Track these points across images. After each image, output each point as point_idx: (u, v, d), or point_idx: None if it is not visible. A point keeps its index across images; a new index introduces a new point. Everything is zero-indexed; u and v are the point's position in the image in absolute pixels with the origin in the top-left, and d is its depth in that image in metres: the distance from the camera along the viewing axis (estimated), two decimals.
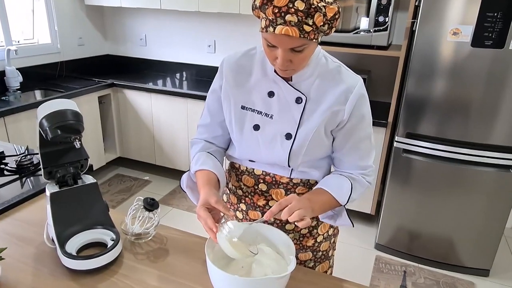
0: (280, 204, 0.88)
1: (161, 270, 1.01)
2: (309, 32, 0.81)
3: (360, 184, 1.05)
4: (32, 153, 1.55)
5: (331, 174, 1.08)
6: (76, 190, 1.06)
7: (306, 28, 0.80)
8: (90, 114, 3.09)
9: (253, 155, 1.04)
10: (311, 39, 0.82)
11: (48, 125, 0.96)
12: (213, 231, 0.87)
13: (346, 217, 1.06)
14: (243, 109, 1.02)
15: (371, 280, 2.29)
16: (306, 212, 0.87)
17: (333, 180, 1.04)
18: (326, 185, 1.02)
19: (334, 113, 0.97)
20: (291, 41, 0.82)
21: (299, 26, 0.79)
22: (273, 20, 0.80)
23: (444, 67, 2.06)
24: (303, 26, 0.79)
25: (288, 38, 0.81)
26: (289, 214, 0.86)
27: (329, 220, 1.09)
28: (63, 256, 0.97)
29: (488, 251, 2.30)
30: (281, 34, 0.80)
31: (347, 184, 1.02)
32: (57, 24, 3.24)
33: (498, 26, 1.88)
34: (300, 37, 0.81)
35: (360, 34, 2.40)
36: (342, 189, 1.01)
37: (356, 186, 1.03)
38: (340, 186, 1.01)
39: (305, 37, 0.81)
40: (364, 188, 1.06)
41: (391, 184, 2.39)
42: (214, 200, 0.91)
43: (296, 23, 0.79)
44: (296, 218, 0.85)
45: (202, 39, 3.40)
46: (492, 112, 2.04)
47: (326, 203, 1.00)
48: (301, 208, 0.86)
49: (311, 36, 0.82)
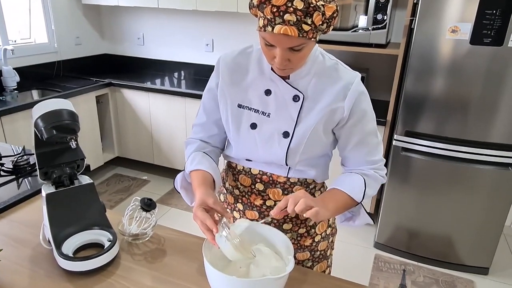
0: (286, 199, 0.88)
1: (158, 271, 1.00)
2: (307, 31, 0.80)
3: (374, 179, 1.03)
4: (29, 154, 1.54)
5: (342, 175, 1.07)
6: (73, 190, 1.05)
7: (305, 28, 0.79)
8: (87, 114, 3.08)
9: (250, 154, 1.03)
10: (310, 38, 0.82)
11: (44, 125, 0.95)
12: (211, 232, 0.86)
13: (365, 214, 1.05)
14: (240, 108, 1.01)
15: (371, 279, 2.29)
16: (315, 203, 0.87)
17: (345, 178, 1.03)
18: (337, 184, 1.01)
19: (333, 111, 0.96)
20: (289, 41, 0.81)
21: (298, 25, 0.78)
22: (272, 19, 0.79)
23: (443, 65, 2.05)
24: (302, 25, 0.79)
25: (287, 37, 0.80)
26: (295, 204, 0.85)
27: (348, 222, 1.08)
28: (59, 257, 0.96)
29: (487, 249, 2.30)
30: (279, 33, 0.79)
31: (360, 180, 1.01)
32: (54, 23, 3.23)
33: (497, 24, 1.88)
34: (299, 37, 0.80)
35: (358, 32, 2.39)
36: (355, 186, 1.00)
37: (369, 182, 1.02)
38: (352, 183, 1.00)
39: (304, 36, 0.80)
40: (378, 183, 1.05)
41: (390, 183, 2.39)
42: (212, 201, 0.91)
43: (295, 22, 0.78)
44: (303, 206, 0.85)
45: (200, 38, 3.39)
46: (491, 110, 2.03)
47: (340, 201, 0.98)
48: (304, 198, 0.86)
49: (310, 35, 0.81)
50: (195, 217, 0.89)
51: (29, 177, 1.43)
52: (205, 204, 0.91)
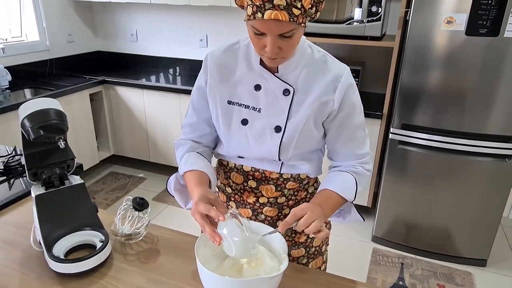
0: (295, 215, 0.86)
1: (151, 271, 0.98)
2: (298, 15, 0.79)
3: (363, 176, 1.04)
4: (20, 154, 1.52)
5: (332, 173, 1.06)
6: (63, 191, 1.03)
7: (295, 12, 0.78)
8: (81, 112, 3.05)
9: (242, 150, 1.02)
10: (300, 23, 0.81)
11: (30, 125, 0.93)
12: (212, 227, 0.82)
13: (356, 213, 1.05)
14: (230, 104, 1.00)
15: (369, 273, 2.29)
16: (321, 222, 0.87)
17: (337, 178, 1.02)
18: (331, 185, 1.00)
19: (324, 103, 0.95)
20: (280, 26, 0.80)
21: (288, 9, 0.77)
22: (261, 5, 0.78)
23: (439, 57, 2.03)
24: (292, 9, 0.77)
25: (278, 23, 0.79)
26: (306, 226, 0.85)
27: (337, 219, 1.08)
28: (50, 259, 0.94)
29: (485, 241, 2.30)
30: (270, 19, 0.78)
31: (351, 180, 1.01)
32: (45, 20, 3.18)
33: (492, 14, 1.85)
34: (290, 21, 0.79)
35: (353, 25, 2.36)
36: (348, 187, 1.00)
37: (360, 180, 1.03)
38: (345, 184, 1.01)
39: (295, 21, 0.79)
40: (366, 178, 1.06)
41: (387, 176, 2.38)
42: (213, 197, 0.88)
43: (285, 6, 0.77)
44: (313, 231, 0.85)
45: (194, 33, 3.35)
46: (487, 101, 2.02)
47: (336, 204, 1.00)
48: (317, 219, 0.86)
49: (300, 20, 0.80)
50: (195, 211, 0.84)
51: (20, 178, 1.40)
52: (206, 199, 0.87)
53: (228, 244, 0.82)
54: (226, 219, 0.82)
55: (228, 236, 0.81)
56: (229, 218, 0.82)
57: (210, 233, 0.82)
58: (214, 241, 0.82)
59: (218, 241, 0.81)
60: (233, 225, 0.82)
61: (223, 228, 0.82)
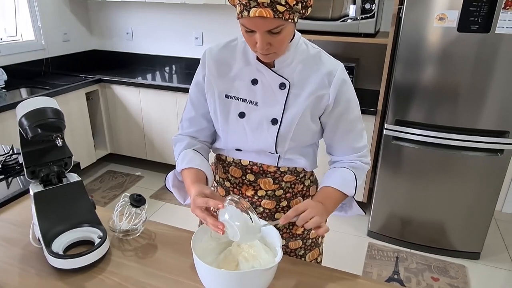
0: (296, 210, 0.89)
1: (149, 266, 1.00)
2: (283, 12, 0.81)
3: (362, 170, 1.08)
4: (18, 153, 1.53)
5: (331, 170, 1.09)
6: (61, 188, 1.05)
7: (280, 8, 0.80)
8: (78, 111, 3.05)
9: (240, 143, 1.04)
10: (287, 19, 0.83)
11: (28, 124, 0.95)
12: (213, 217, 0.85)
13: (357, 206, 1.10)
14: (227, 98, 1.02)
15: (364, 267, 2.32)
16: (322, 218, 0.89)
17: (336, 175, 1.05)
18: (332, 182, 1.03)
19: (319, 98, 0.98)
20: (266, 23, 0.82)
21: (273, 6, 0.80)
22: (247, 3, 0.81)
23: (431, 53, 2.05)
24: (276, 6, 0.80)
25: (263, 20, 0.82)
26: (305, 221, 0.88)
27: (340, 213, 1.13)
28: (49, 255, 0.96)
29: (478, 234, 2.33)
30: (255, 16, 0.81)
31: (351, 176, 1.05)
32: (40, 19, 3.18)
33: (484, 10, 1.88)
34: (275, 18, 0.81)
35: (347, 22, 2.38)
36: (348, 182, 1.04)
37: (359, 174, 1.06)
38: (345, 180, 1.04)
39: (280, 17, 0.81)
40: (365, 172, 1.09)
41: (382, 172, 2.40)
42: (209, 191, 0.91)
43: (268, 4, 0.79)
44: (312, 226, 0.88)
45: (190, 32, 3.36)
46: (480, 96, 2.04)
47: (337, 200, 1.03)
48: (316, 215, 0.88)
49: (286, 16, 0.82)
50: (194, 207, 0.88)
51: (18, 176, 1.42)
52: (203, 194, 0.90)
53: (231, 229, 0.83)
54: (226, 206, 0.84)
55: (230, 220, 0.82)
56: (229, 204, 0.84)
57: (213, 223, 0.84)
58: (218, 230, 0.83)
59: (221, 229, 0.83)
60: (233, 209, 0.83)
61: (224, 214, 0.83)
